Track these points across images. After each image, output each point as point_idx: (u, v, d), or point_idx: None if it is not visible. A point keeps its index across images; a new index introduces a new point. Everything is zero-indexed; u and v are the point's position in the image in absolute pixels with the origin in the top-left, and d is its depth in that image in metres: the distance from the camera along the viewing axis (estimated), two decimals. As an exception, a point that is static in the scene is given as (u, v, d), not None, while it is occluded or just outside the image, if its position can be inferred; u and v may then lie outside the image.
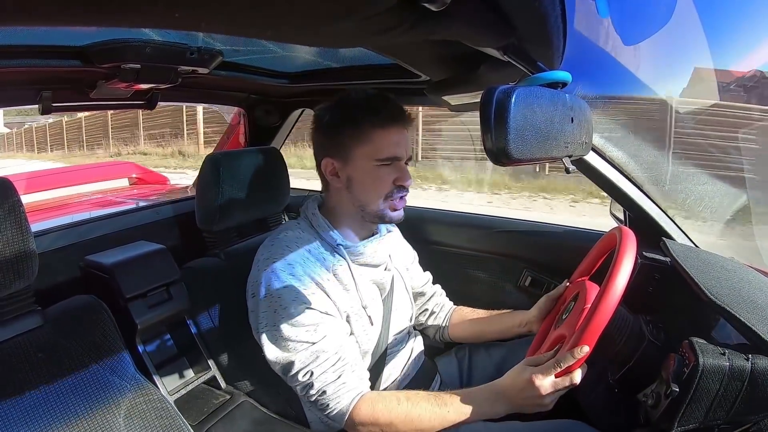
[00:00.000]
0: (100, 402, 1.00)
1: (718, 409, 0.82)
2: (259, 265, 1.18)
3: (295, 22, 0.55)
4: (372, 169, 1.16)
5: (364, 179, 1.17)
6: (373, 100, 1.16)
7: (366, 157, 1.15)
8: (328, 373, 1.08)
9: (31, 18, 0.43)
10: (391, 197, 1.18)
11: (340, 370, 1.09)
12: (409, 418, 1.05)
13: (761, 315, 0.86)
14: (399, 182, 1.18)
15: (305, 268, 1.15)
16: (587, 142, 0.84)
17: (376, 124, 1.14)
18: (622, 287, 0.91)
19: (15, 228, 0.89)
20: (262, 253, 1.20)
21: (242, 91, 1.86)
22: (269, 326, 1.11)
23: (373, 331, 1.25)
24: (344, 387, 1.09)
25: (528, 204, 7.99)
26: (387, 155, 1.15)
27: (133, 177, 3.22)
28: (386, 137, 1.15)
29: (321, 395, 1.09)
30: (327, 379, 1.08)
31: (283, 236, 1.21)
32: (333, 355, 1.09)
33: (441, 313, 1.54)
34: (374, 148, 1.15)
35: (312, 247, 1.20)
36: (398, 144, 1.16)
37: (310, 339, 1.09)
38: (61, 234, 1.46)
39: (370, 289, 1.26)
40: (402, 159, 1.18)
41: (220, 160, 1.41)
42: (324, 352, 1.09)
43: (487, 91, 0.61)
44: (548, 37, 0.69)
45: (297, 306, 1.10)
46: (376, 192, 1.17)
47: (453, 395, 1.07)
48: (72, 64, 1.08)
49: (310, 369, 1.08)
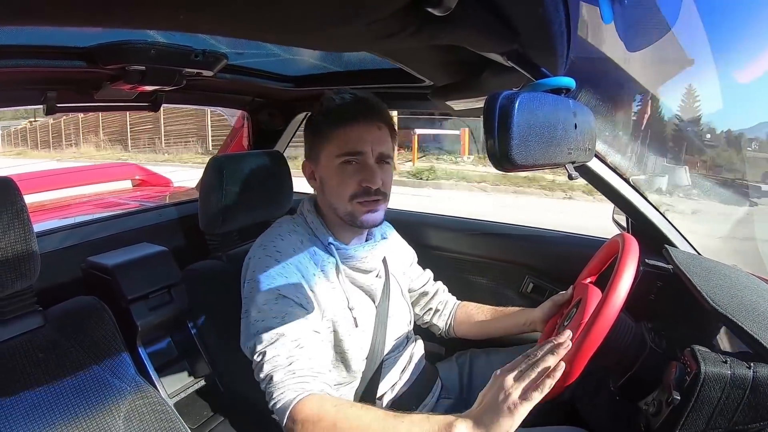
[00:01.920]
0: (100, 403, 1.00)
1: (720, 418, 0.81)
2: (251, 252, 1.20)
3: (299, 25, 0.55)
4: (336, 167, 1.16)
5: (330, 178, 1.18)
6: (341, 102, 1.18)
7: (329, 155, 1.17)
8: (281, 357, 1.02)
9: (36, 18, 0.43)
10: (357, 198, 1.16)
11: (294, 357, 1.03)
12: (356, 423, 0.92)
13: (763, 323, 0.86)
14: (364, 183, 1.15)
15: (292, 257, 1.16)
16: (590, 149, 0.83)
17: (335, 121, 1.16)
18: (624, 296, 0.91)
19: (18, 228, 0.89)
20: (257, 242, 1.22)
21: (246, 94, 1.86)
22: (245, 311, 1.12)
23: (362, 336, 1.23)
24: (293, 377, 1.00)
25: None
26: (346, 150, 1.15)
27: (136, 179, 3.22)
28: (345, 133, 1.15)
29: (268, 383, 1.02)
30: (277, 363, 1.02)
31: (277, 227, 1.24)
32: (290, 342, 1.04)
33: (445, 311, 1.53)
34: (335, 145, 1.16)
35: (304, 239, 1.22)
36: (359, 139, 1.15)
37: (273, 325, 1.06)
38: (63, 235, 1.47)
39: (357, 293, 1.25)
40: (364, 155, 1.16)
41: (223, 163, 1.42)
42: (283, 336, 1.05)
43: (490, 96, 0.61)
44: (552, 43, 0.69)
45: (272, 292, 1.10)
46: (341, 192, 1.17)
47: (411, 414, 0.94)
48: (77, 65, 1.08)
49: (264, 350, 1.04)
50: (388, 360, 1.32)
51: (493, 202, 8.60)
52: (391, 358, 1.33)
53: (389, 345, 1.32)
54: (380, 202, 1.19)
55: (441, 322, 1.53)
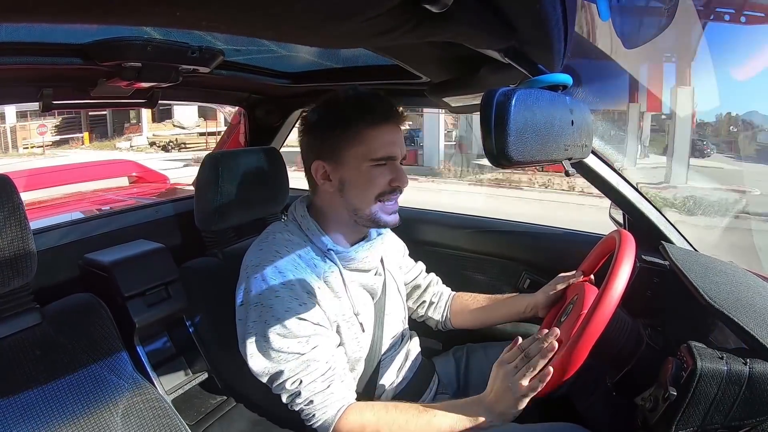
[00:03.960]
0: (98, 400, 1.00)
1: (716, 413, 0.82)
2: (248, 271, 1.14)
3: (296, 22, 0.55)
4: (366, 170, 1.12)
5: (358, 181, 1.13)
6: (365, 99, 1.13)
7: (360, 157, 1.12)
8: (317, 382, 1.06)
9: (33, 15, 0.43)
10: (386, 199, 1.15)
11: (330, 379, 1.07)
12: (396, 426, 1.04)
13: (759, 319, 0.86)
14: (395, 183, 1.14)
15: (296, 275, 1.11)
16: (587, 145, 0.84)
17: (369, 123, 1.11)
18: (620, 292, 0.91)
19: (14, 225, 0.89)
20: (251, 258, 1.16)
21: (243, 91, 1.86)
22: (258, 336, 1.08)
23: (365, 338, 1.23)
24: (332, 397, 1.07)
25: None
26: (382, 155, 1.12)
27: (132, 175, 3.22)
28: (380, 136, 1.11)
29: (308, 404, 1.06)
30: (315, 389, 1.06)
31: (272, 239, 1.18)
32: (323, 365, 1.07)
33: (440, 303, 1.52)
34: (368, 148, 1.11)
35: (302, 252, 1.16)
36: (393, 143, 1.13)
37: (300, 350, 1.06)
38: (60, 232, 1.46)
39: (361, 295, 1.24)
40: (397, 158, 1.15)
41: (219, 160, 1.41)
42: (315, 361, 1.06)
43: (487, 93, 0.61)
44: (549, 40, 0.69)
45: (288, 316, 1.07)
46: (370, 194, 1.13)
47: (440, 404, 1.08)
48: (73, 62, 1.08)
49: (299, 377, 1.06)
50: (386, 358, 1.32)
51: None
52: (388, 355, 1.33)
53: (387, 343, 1.31)
54: (397, 202, 1.19)
55: (437, 314, 1.51)
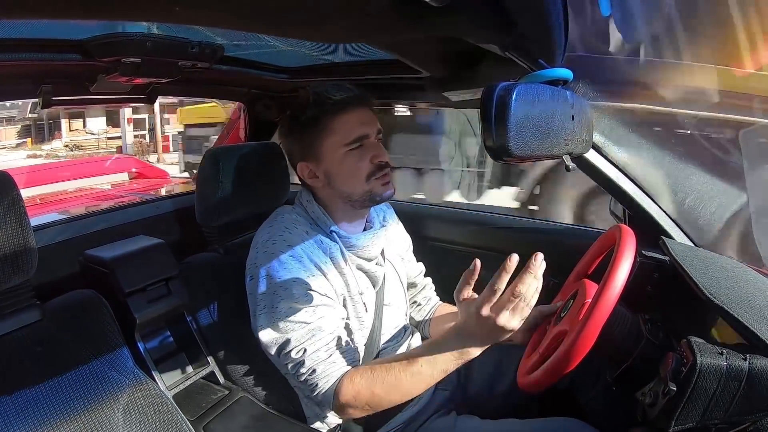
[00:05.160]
0: (99, 396, 1.00)
1: (716, 409, 0.82)
2: (258, 247, 1.19)
3: (296, 17, 0.55)
4: (345, 156, 1.16)
5: (341, 169, 1.18)
6: (324, 93, 1.17)
7: (335, 147, 1.16)
8: (321, 351, 1.09)
9: (32, 11, 0.43)
10: (374, 176, 1.18)
11: (332, 350, 1.10)
12: (388, 383, 1.04)
13: (760, 315, 0.86)
14: (376, 159, 1.18)
15: (305, 249, 1.16)
16: (588, 140, 0.84)
17: (333, 112, 1.16)
18: (622, 282, 0.91)
19: (14, 222, 0.89)
20: (261, 235, 1.21)
21: (243, 86, 1.85)
22: (267, 307, 1.12)
23: (368, 319, 1.25)
24: (334, 366, 1.09)
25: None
26: (354, 137, 1.16)
27: (133, 171, 3.22)
28: (346, 120, 1.16)
29: (311, 374, 1.09)
30: (319, 357, 1.08)
31: (281, 219, 1.22)
32: (327, 335, 1.10)
33: (426, 307, 1.54)
34: (338, 136, 1.16)
35: (308, 229, 1.21)
36: (361, 123, 1.17)
37: (307, 319, 1.09)
38: (60, 228, 1.46)
39: (363, 279, 1.26)
40: (370, 136, 1.18)
41: (219, 155, 1.41)
42: (321, 331, 1.09)
43: (487, 88, 0.61)
44: (549, 34, 0.69)
45: (297, 287, 1.10)
46: (357, 176, 1.17)
47: (421, 349, 1.08)
48: (72, 58, 1.07)
49: (303, 346, 1.08)
50: (386, 350, 1.32)
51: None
52: (388, 348, 1.33)
53: (387, 334, 1.32)
54: (389, 174, 1.21)
55: (419, 316, 1.53)
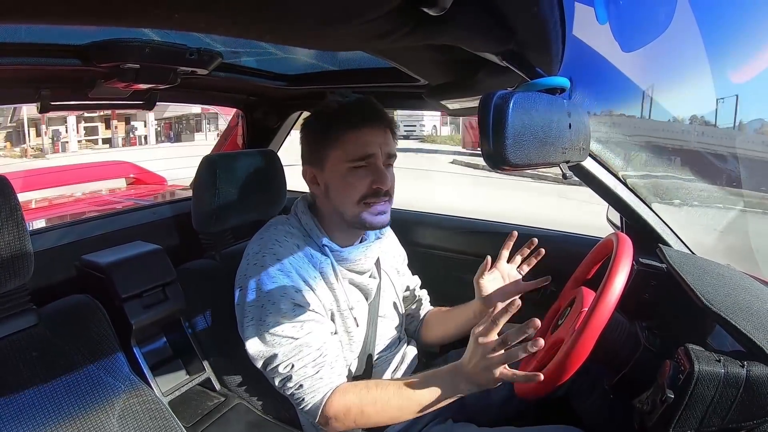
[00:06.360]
0: (94, 402, 1.00)
1: (713, 416, 0.82)
2: (248, 258, 1.17)
3: (294, 25, 0.55)
4: (346, 172, 1.13)
5: (339, 185, 1.15)
6: (347, 104, 1.15)
7: (338, 161, 1.14)
8: (308, 367, 1.08)
9: (32, 16, 0.43)
10: (366, 200, 1.15)
11: (320, 365, 1.09)
12: (380, 403, 1.06)
13: (757, 322, 0.86)
14: (375, 185, 1.14)
15: (294, 263, 1.15)
16: (585, 148, 0.84)
17: (347, 126, 1.13)
18: (620, 290, 0.91)
19: (11, 226, 0.89)
20: (252, 246, 1.19)
21: (241, 93, 1.86)
22: (255, 320, 1.11)
23: (359, 333, 1.24)
24: (321, 382, 1.08)
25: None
26: (358, 155, 1.12)
27: (130, 177, 3.21)
28: (356, 138, 1.12)
29: (298, 389, 1.08)
30: (306, 374, 1.08)
31: (273, 230, 1.20)
32: (315, 351, 1.09)
33: (418, 315, 1.53)
34: (345, 151, 1.13)
35: (300, 243, 1.19)
36: (370, 143, 1.13)
37: (294, 335, 1.09)
38: (57, 233, 1.46)
39: (355, 293, 1.25)
40: (376, 157, 1.14)
41: (217, 162, 1.41)
42: (307, 347, 1.09)
43: (485, 96, 0.61)
44: (547, 43, 0.69)
45: (285, 302, 1.10)
46: (350, 196, 1.14)
47: (418, 376, 1.09)
48: (71, 63, 1.08)
49: (291, 362, 1.08)
50: (380, 359, 1.32)
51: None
52: (383, 357, 1.33)
53: (381, 344, 1.32)
54: (387, 203, 1.18)
55: (411, 326, 1.53)
